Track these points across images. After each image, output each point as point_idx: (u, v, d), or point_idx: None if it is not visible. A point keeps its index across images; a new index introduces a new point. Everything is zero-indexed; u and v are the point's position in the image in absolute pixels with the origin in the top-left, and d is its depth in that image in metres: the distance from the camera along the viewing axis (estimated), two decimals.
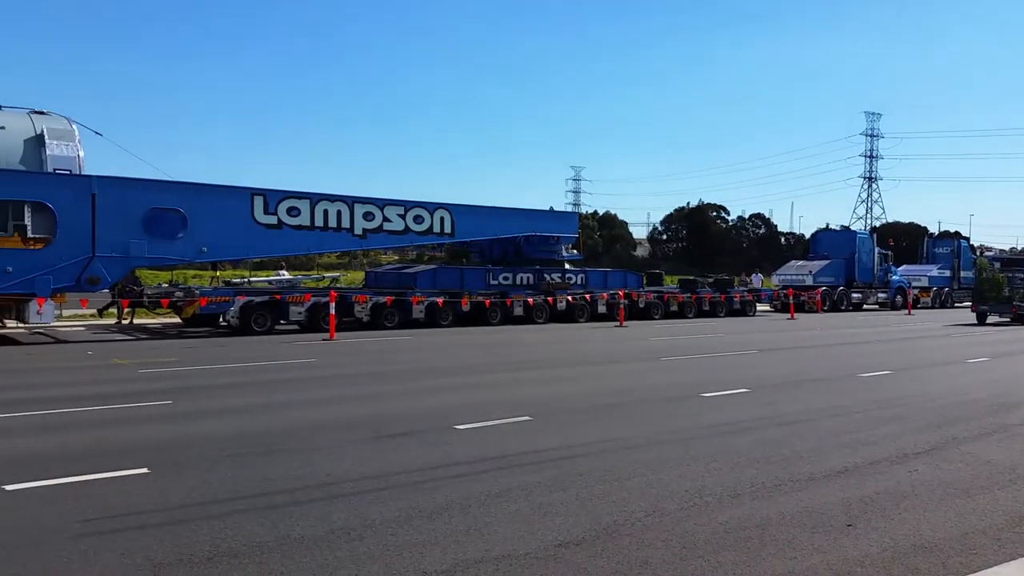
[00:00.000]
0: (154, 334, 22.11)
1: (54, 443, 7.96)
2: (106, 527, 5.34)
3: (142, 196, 20.27)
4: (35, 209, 19.03)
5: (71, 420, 9.24)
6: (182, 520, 5.51)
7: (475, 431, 8.70)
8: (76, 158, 19.70)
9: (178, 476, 6.67)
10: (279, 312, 22.64)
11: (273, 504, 5.91)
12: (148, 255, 20.47)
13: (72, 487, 6.30)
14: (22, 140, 19.40)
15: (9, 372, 13.78)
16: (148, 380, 12.82)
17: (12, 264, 18.29)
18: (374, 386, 12.43)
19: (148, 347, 18.60)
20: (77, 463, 7.03)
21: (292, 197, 23.08)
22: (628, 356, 17.50)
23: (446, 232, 26.46)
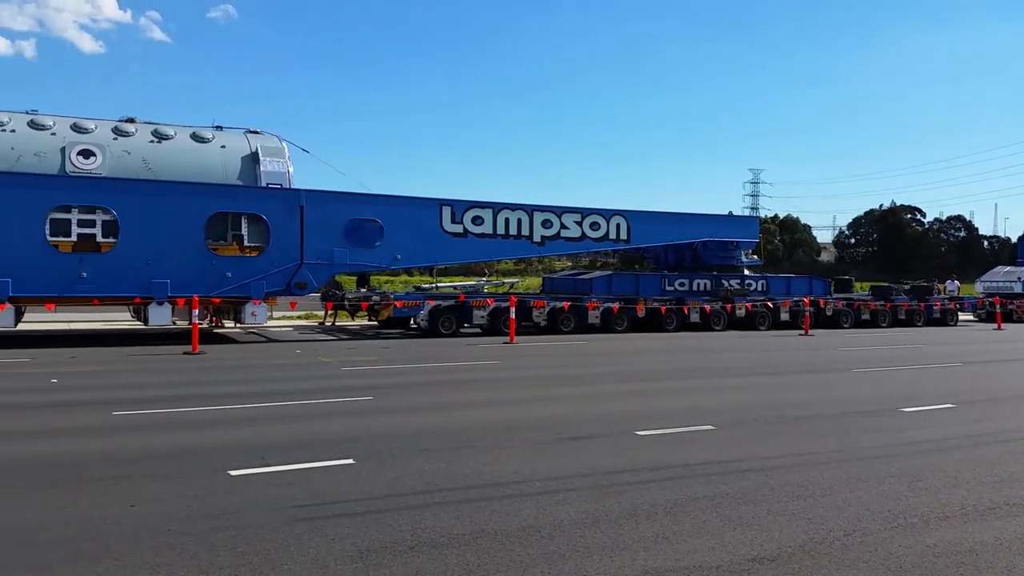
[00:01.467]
0: (354, 335, 23.71)
1: (269, 433, 8.77)
2: (316, 513, 5.84)
3: (344, 208, 21.82)
4: (251, 220, 21.00)
5: (284, 412, 10.13)
6: (384, 510, 5.92)
7: (657, 438, 8.68)
8: (286, 173, 21.54)
9: (380, 468, 7.17)
10: (463, 316, 23.58)
11: (467, 499, 6.23)
12: (349, 262, 22.00)
13: (286, 474, 6.93)
14: (240, 158, 21.47)
15: (230, 368, 15.27)
16: (350, 377, 13.80)
17: (231, 270, 20.27)
18: (554, 389, 12.68)
19: (348, 347, 19.99)
20: (290, 452, 7.72)
21: (477, 207, 23.95)
22: (816, 366, 16.71)
23: (622, 238, 26.45)
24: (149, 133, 20.80)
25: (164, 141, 20.82)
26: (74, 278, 18.75)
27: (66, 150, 19.44)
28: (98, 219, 19.22)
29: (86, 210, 19.17)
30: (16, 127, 19.43)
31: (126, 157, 20.02)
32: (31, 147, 19.24)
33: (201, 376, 13.82)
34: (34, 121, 19.72)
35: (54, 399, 11.10)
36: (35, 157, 19.18)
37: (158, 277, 19.36)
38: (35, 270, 18.41)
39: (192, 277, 19.71)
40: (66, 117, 20.31)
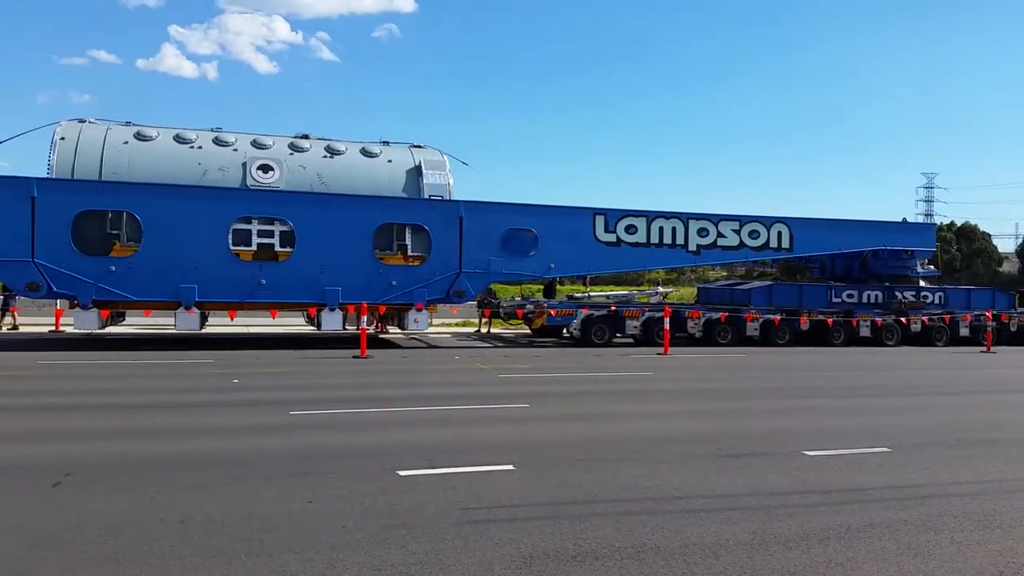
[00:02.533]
0: (508, 342, 24.15)
1: (434, 436, 9.07)
2: (481, 516, 5.98)
3: (500, 218, 22.30)
4: (414, 231, 21.86)
5: (446, 416, 10.46)
6: (546, 517, 5.98)
7: (828, 459, 8.26)
8: (447, 185, 22.30)
9: (539, 475, 7.25)
10: (616, 325, 23.46)
11: (627, 511, 6.18)
12: (504, 271, 22.45)
13: (451, 477, 7.15)
14: (404, 171, 22.42)
15: (395, 372, 15.94)
16: (506, 384, 14.06)
17: (396, 279, 21.19)
18: (712, 402, 12.35)
19: (503, 354, 20.38)
20: (453, 456, 7.95)
21: (630, 215, 23.78)
22: (1002, 386, 15.36)
23: (783, 247, 25.41)
24: (322, 148, 22.12)
25: (336, 156, 22.07)
26: (254, 285, 20.19)
27: (247, 165, 20.98)
28: (276, 230, 20.63)
29: (265, 221, 20.63)
30: (203, 144, 21.18)
31: (301, 171, 21.38)
32: (216, 162, 20.90)
33: (369, 379, 14.51)
34: (218, 138, 21.41)
35: (236, 398, 11.98)
36: (219, 172, 20.82)
37: (331, 285, 20.53)
38: (219, 277, 19.96)
39: (361, 285, 20.76)
40: (247, 134, 21.92)
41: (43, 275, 18.60)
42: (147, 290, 19.37)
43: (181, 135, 20.99)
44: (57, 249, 18.62)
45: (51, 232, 18.57)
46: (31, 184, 18.60)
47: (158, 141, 20.64)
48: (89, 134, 20.15)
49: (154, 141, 20.59)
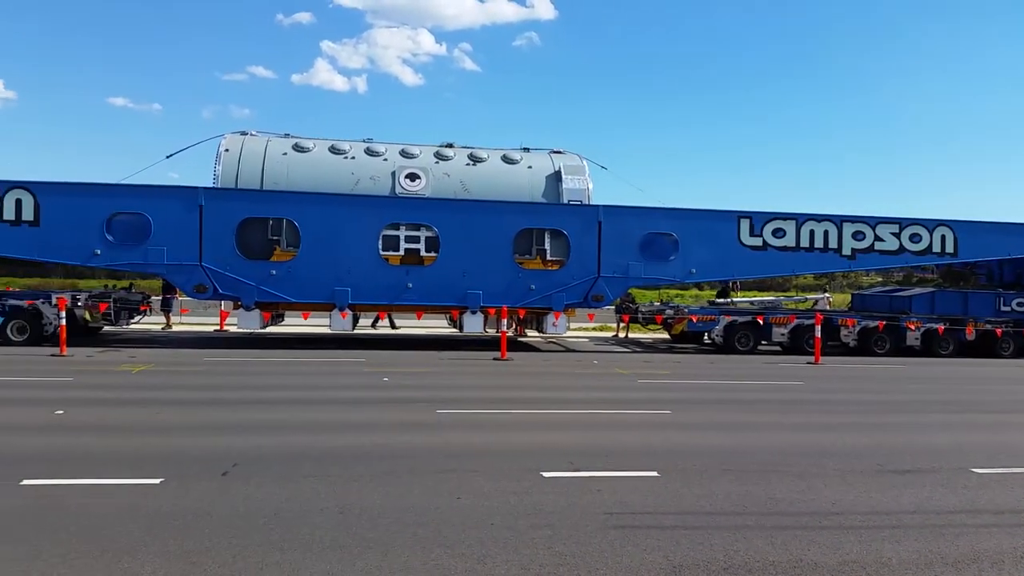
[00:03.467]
0: (646, 348, 23.86)
1: (576, 439, 9.09)
2: (627, 522, 5.94)
3: (639, 222, 22.06)
4: (553, 235, 21.99)
5: (587, 420, 10.46)
6: (694, 527, 5.87)
7: (999, 477, 7.66)
8: (586, 190, 22.31)
9: (685, 483, 7.12)
10: (761, 332, 22.66)
11: (781, 525, 5.96)
12: (644, 276, 22.19)
13: (594, 480, 7.14)
14: (544, 176, 22.62)
15: (535, 375, 16.09)
16: (646, 390, 13.89)
17: (535, 283, 21.40)
18: (870, 415, 11.69)
19: (643, 359, 20.15)
20: (596, 459, 7.94)
21: (778, 218, 22.93)
22: None
23: (947, 251, 23.72)
24: (466, 156, 22.66)
25: (478, 163, 22.56)
26: (401, 288, 20.93)
27: (396, 174, 21.79)
28: (422, 235, 21.31)
29: (412, 227, 21.36)
30: (356, 154, 22.18)
31: (446, 179, 21.99)
32: (367, 172, 21.84)
33: (511, 380, 14.73)
34: (370, 148, 22.36)
35: (386, 396, 12.46)
36: (371, 180, 21.74)
37: (472, 288, 20.99)
38: (369, 281, 20.82)
39: (501, 289, 21.10)
40: (396, 144, 22.78)
41: (210, 278, 20.04)
42: (304, 293, 20.49)
43: (336, 146, 22.08)
44: (222, 254, 20.02)
45: (217, 238, 19.99)
46: (199, 193, 20.11)
47: (315, 152, 21.81)
48: (251, 146, 21.56)
49: (311, 152, 21.78)
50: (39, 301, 19.67)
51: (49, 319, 19.32)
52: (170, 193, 20.29)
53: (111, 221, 19.59)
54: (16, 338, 19.32)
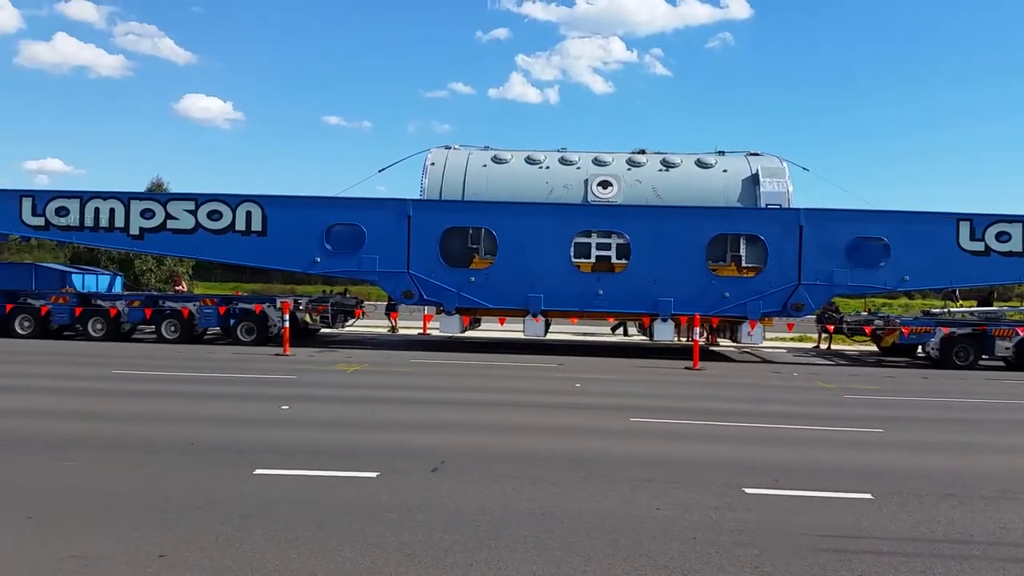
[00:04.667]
0: (852, 361, 22.47)
1: (778, 455, 8.75)
2: (838, 546, 5.66)
3: (845, 226, 20.85)
4: (749, 241, 21.31)
5: (789, 436, 10.03)
6: (913, 554, 5.50)
7: None
8: (785, 193, 21.42)
9: (902, 507, 6.67)
10: (983, 346, 20.67)
11: (1014, 557, 5.45)
12: (850, 283, 20.93)
13: (801, 500, 6.85)
14: (740, 180, 21.96)
15: (730, 386, 15.64)
16: (854, 406, 13.10)
17: (729, 290, 20.81)
18: None
19: (848, 373, 19.01)
20: (801, 478, 7.61)
21: (1002, 221, 20.84)
22: None
23: None
24: (658, 162, 22.48)
25: (671, 169, 22.30)
26: (592, 295, 21.09)
27: (588, 182, 22.01)
28: (613, 243, 21.38)
29: (603, 235, 21.48)
30: (550, 164, 22.64)
31: (638, 185, 21.93)
32: (561, 180, 22.22)
33: (705, 391, 14.43)
34: (564, 158, 22.75)
35: (579, 402, 12.60)
36: (564, 189, 22.10)
37: (663, 296, 20.77)
38: (561, 288, 21.15)
39: (693, 296, 20.71)
40: (589, 152, 23.01)
41: (416, 284, 21.22)
42: (500, 299, 21.19)
43: (531, 156, 22.69)
44: (428, 261, 21.14)
45: (423, 247, 21.13)
46: (408, 205, 21.35)
47: (512, 163, 22.52)
48: (454, 159, 22.62)
49: (509, 163, 22.51)
50: (265, 305, 21.71)
51: (274, 321, 21.25)
52: (382, 205, 21.71)
53: (330, 231, 21.28)
54: (245, 338, 21.41)
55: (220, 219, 21.41)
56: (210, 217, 21.43)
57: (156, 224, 21.60)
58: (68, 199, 21.77)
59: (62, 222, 21.69)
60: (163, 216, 21.57)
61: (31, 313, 21.57)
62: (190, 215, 21.49)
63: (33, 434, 8.95)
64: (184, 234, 21.59)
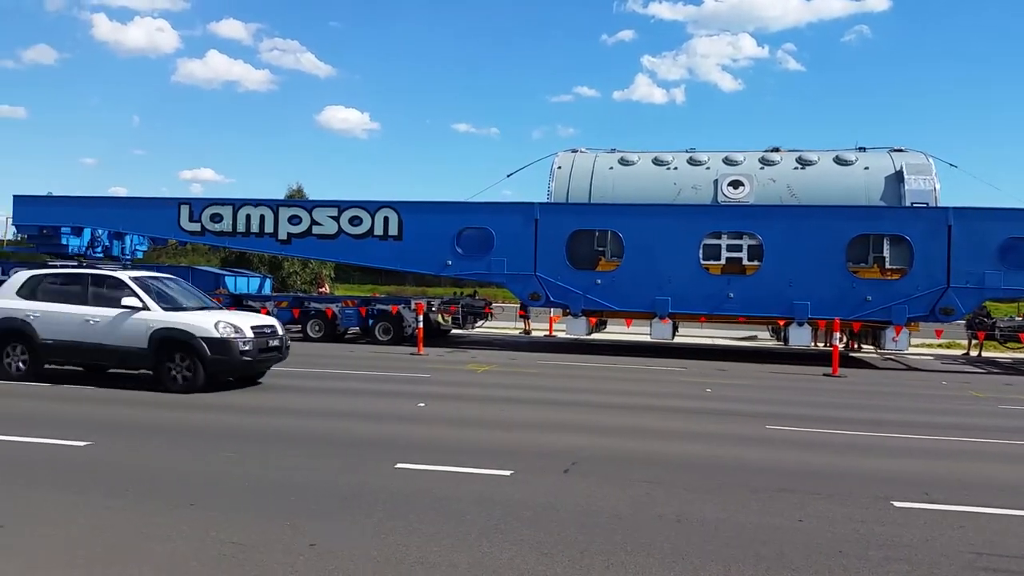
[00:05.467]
0: (1006, 369, 20.93)
1: (927, 467, 8.28)
2: (1000, 566, 5.32)
3: (999, 225, 19.47)
4: (893, 242, 20.27)
5: (939, 447, 9.48)
6: None
7: None
8: (932, 191, 20.24)
9: None
10: None
11: None
12: (1003, 286, 19.52)
13: (954, 515, 6.47)
14: (883, 177, 20.91)
15: (873, 394, 14.92)
16: (1011, 417, 12.24)
17: (871, 293, 19.84)
18: None
19: (1003, 382, 17.73)
20: (953, 492, 7.18)
21: None
22: None
23: None
24: (793, 160, 21.74)
25: (807, 167, 21.50)
26: (722, 298, 20.62)
27: (718, 182, 21.55)
28: (744, 244, 20.83)
29: (734, 236, 20.97)
30: (678, 165, 22.32)
31: (771, 185, 21.27)
32: (689, 181, 21.87)
33: (845, 399, 13.83)
34: (692, 158, 22.36)
35: (710, 407, 12.36)
36: (692, 190, 21.73)
37: (799, 299, 20.05)
38: (689, 290, 20.80)
39: (832, 299, 19.89)
40: (719, 152, 22.52)
41: (543, 287, 21.42)
42: (627, 301, 21.07)
43: (659, 158, 22.44)
44: (554, 264, 21.30)
45: (549, 249, 21.31)
46: (535, 208, 21.58)
47: (639, 165, 22.36)
48: (581, 162, 22.68)
49: (635, 165, 22.36)
50: (401, 306, 22.51)
51: (408, 322, 21.99)
52: (511, 209, 22.06)
53: (460, 235, 21.83)
54: (382, 338, 22.25)
55: (360, 224, 22.36)
56: (351, 223, 22.42)
57: (302, 229, 22.81)
58: (222, 206, 23.32)
59: (216, 227, 23.26)
60: (309, 222, 22.76)
61: None
62: (333, 221, 22.56)
63: (195, 426, 9.66)
64: (327, 239, 22.69)
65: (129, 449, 8.25)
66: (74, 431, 8.83)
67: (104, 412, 10.40)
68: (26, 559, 5.06)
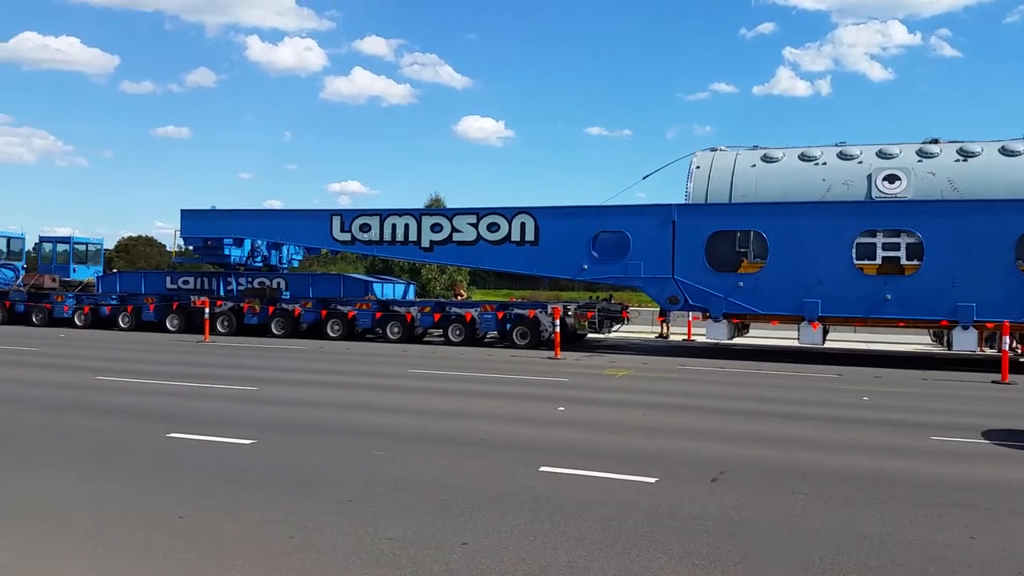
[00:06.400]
0: None
1: None
2: None
3: None
4: None
5: None
6: None
7: None
8: None
9: None
10: None
11: None
12: None
13: None
14: None
15: None
16: None
17: None
18: None
19: None
20: None
21: None
22: None
23: None
24: (954, 152, 20.27)
25: (970, 159, 20.01)
26: (878, 300, 19.50)
27: (872, 177, 20.36)
28: (902, 242, 19.64)
29: (891, 234, 19.81)
30: (827, 159, 21.26)
31: (931, 179, 19.93)
32: (840, 177, 20.77)
33: (1019, 408, 12.75)
34: (843, 152, 21.24)
35: (867, 416, 11.68)
36: (843, 186, 20.64)
37: (963, 300, 18.67)
38: (841, 292, 19.75)
39: (999, 300, 18.41)
40: (871, 145, 21.26)
41: (681, 290, 21.00)
42: (771, 304, 20.32)
43: (805, 153, 21.48)
44: (692, 267, 20.84)
45: (688, 252, 20.88)
46: (672, 210, 21.21)
47: (783, 161, 21.49)
48: (720, 161, 22.07)
49: (780, 162, 21.51)
50: (538, 311, 22.68)
51: (545, 326, 22.13)
52: (647, 211, 21.79)
53: (596, 239, 21.78)
54: (519, 342, 22.51)
55: (498, 231, 22.74)
56: (489, 229, 22.83)
57: (443, 237, 23.46)
58: (369, 216, 24.33)
59: (364, 237, 24.28)
60: (449, 230, 23.37)
61: (340, 318, 24.34)
62: (472, 228, 23.06)
63: (346, 425, 10.11)
64: (467, 245, 23.22)
65: (289, 447, 8.73)
66: (241, 431, 9.44)
67: (266, 412, 11.06)
68: (202, 549, 5.45)
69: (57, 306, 28.06)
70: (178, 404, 11.58)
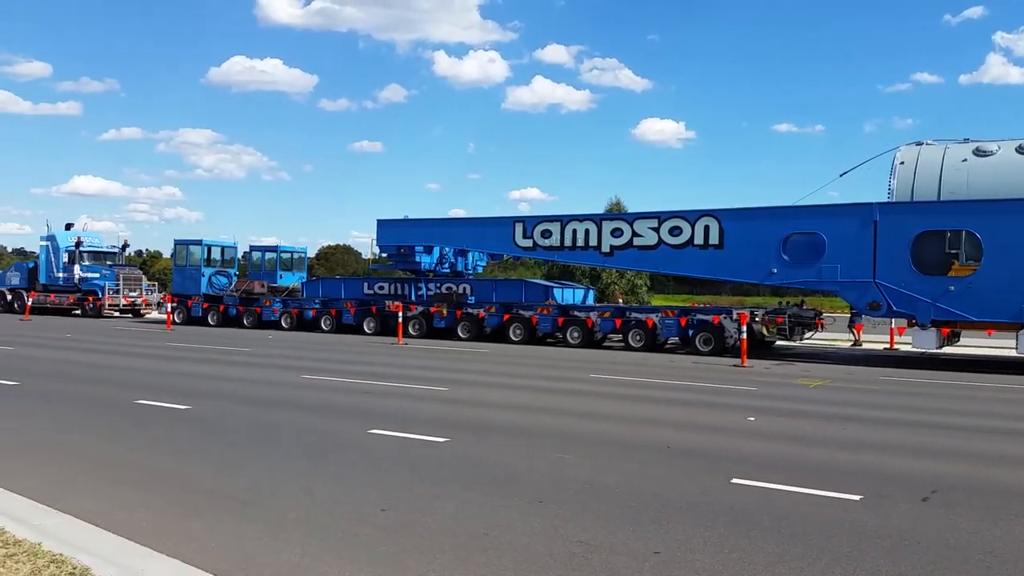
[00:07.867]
0: None
1: None
2: None
3: None
4: None
5: None
6: None
7: None
8: None
9: None
10: None
11: None
12: None
13: None
14: None
15: None
16: None
17: None
18: None
19: None
20: None
21: None
22: None
23: None
24: None
25: None
26: None
27: None
28: None
29: None
30: None
31: None
32: None
33: None
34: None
35: None
36: None
37: None
38: None
39: None
40: None
41: (883, 295, 19.62)
42: (987, 310, 18.56)
43: None
44: (897, 270, 19.41)
45: (891, 253, 19.47)
46: (873, 209, 19.87)
47: (999, 155, 19.56)
48: (927, 156, 20.42)
49: (994, 155, 19.60)
50: (722, 316, 22.01)
51: (730, 332, 21.43)
52: (844, 211, 20.57)
53: (786, 241, 20.83)
54: (703, 348, 21.94)
55: (680, 234, 22.31)
56: (671, 233, 22.46)
57: (624, 242, 23.33)
58: (550, 223, 24.67)
59: (546, 243, 24.64)
60: (630, 234, 23.21)
61: (522, 322, 24.85)
62: (653, 232, 22.78)
63: (532, 427, 10.28)
64: (648, 250, 22.96)
65: (479, 446, 9.01)
66: (435, 429, 9.85)
67: (457, 412, 11.47)
68: (403, 542, 5.72)
69: (266, 310, 30.57)
70: (377, 402, 12.25)
